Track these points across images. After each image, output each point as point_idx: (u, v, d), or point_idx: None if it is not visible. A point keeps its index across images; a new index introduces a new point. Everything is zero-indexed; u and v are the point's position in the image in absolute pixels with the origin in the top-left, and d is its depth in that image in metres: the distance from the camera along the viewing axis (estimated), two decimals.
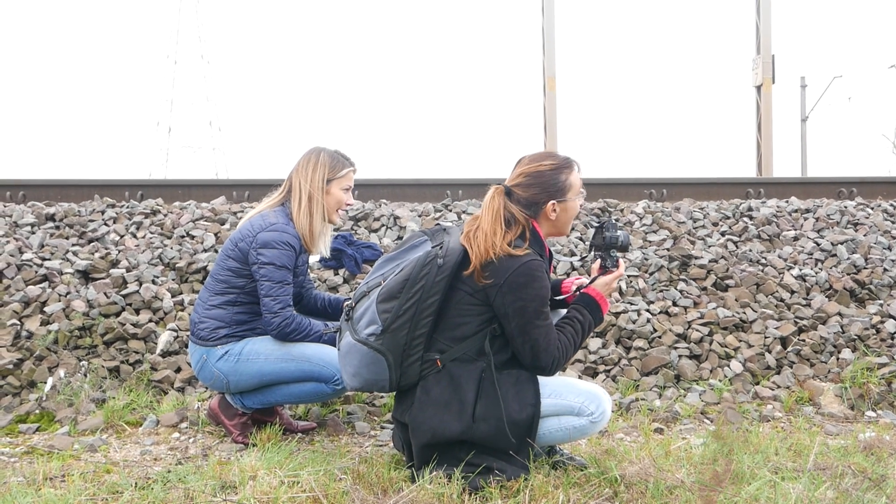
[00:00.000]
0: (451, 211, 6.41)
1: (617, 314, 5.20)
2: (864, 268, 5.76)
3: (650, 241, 6.00)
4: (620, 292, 5.40)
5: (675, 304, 5.35)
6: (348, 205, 4.04)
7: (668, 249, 5.84)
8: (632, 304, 5.30)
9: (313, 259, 4.42)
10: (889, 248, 6.06)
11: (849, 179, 7.75)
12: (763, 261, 5.82)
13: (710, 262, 5.67)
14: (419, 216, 6.26)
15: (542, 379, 3.26)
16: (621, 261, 3.50)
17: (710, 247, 5.92)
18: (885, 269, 5.75)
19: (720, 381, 4.85)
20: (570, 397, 3.25)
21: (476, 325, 3.21)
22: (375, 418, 4.41)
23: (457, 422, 3.14)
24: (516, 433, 3.15)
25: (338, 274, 5.49)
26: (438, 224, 5.39)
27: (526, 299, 3.13)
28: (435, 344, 3.24)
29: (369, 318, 3.19)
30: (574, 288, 3.53)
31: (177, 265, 5.46)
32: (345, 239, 4.44)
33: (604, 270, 3.45)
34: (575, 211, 3.39)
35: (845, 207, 6.61)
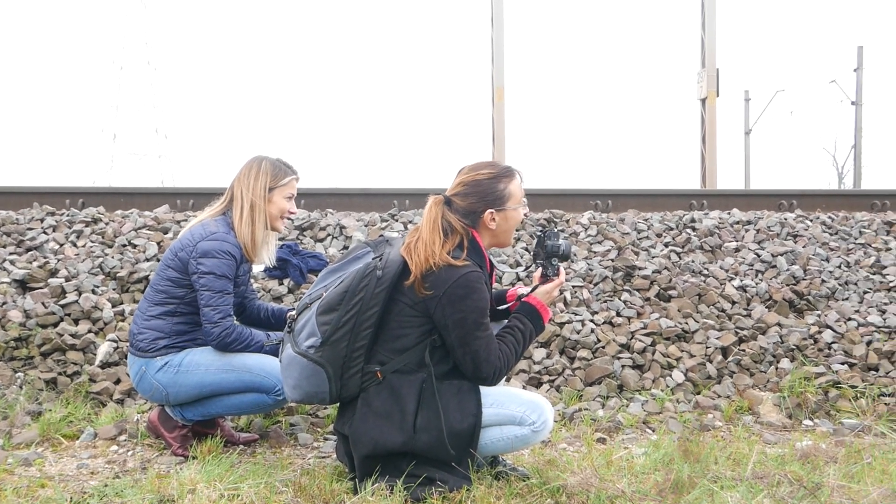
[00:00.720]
0: (397, 221, 6.40)
1: (561, 324, 5.23)
2: (803, 279, 5.87)
3: (595, 252, 6.05)
4: (565, 302, 5.44)
5: (618, 314, 5.40)
6: (291, 213, 4.01)
7: (612, 260, 5.89)
8: (576, 314, 5.34)
9: (258, 269, 4.39)
10: (827, 260, 6.18)
11: (789, 192, 7.90)
12: (705, 272, 5.90)
13: (653, 272, 5.73)
14: (366, 226, 6.25)
15: (484, 389, 3.27)
16: (562, 269, 3.51)
17: (653, 258, 5.99)
18: (823, 281, 5.86)
19: (662, 390, 4.90)
20: (511, 407, 3.26)
21: (416, 336, 3.21)
22: (319, 430, 4.38)
23: (398, 433, 3.13)
24: (457, 444, 3.15)
25: (283, 284, 5.45)
26: (383, 235, 5.38)
27: (465, 311, 3.13)
28: (375, 356, 3.23)
29: (309, 331, 3.18)
30: (517, 297, 3.55)
31: (118, 275, 5.38)
32: (290, 249, 4.41)
33: (545, 279, 3.47)
34: (515, 221, 3.38)
35: (785, 219, 6.73)
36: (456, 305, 3.13)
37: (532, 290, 3.45)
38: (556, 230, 3.54)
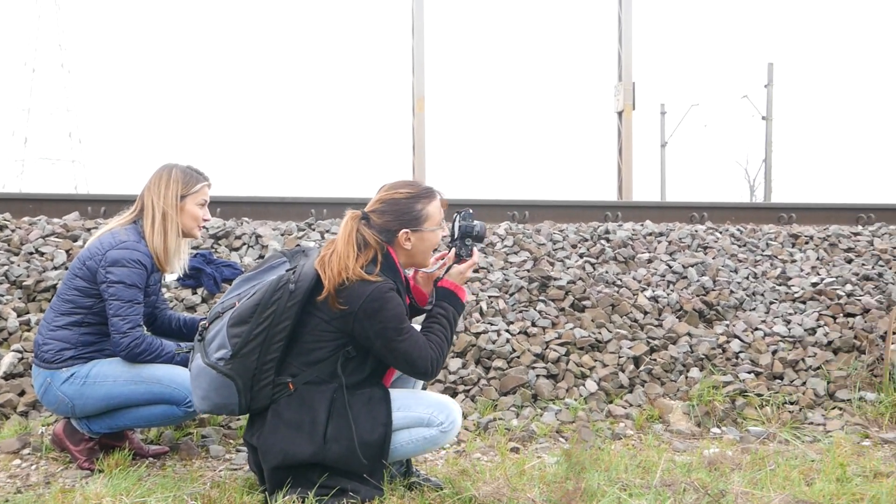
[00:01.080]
0: (314, 230, 6.37)
1: (477, 334, 5.26)
2: (713, 289, 6.01)
3: (511, 263, 6.10)
4: (481, 312, 5.48)
5: (534, 324, 5.45)
6: (205, 220, 3.97)
7: (528, 270, 5.95)
8: (492, 324, 5.38)
9: (171, 278, 4.32)
10: (735, 271, 6.35)
11: (700, 204, 8.09)
12: (619, 282, 6.00)
13: (568, 283, 5.80)
14: (282, 235, 6.20)
15: (392, 392, 3.29)
16: (475, 250, 3.55)
17: (568, 268, 6.07)
18: (732, 291, 6.01)
19: (576, 399, 4.97)
20: (418, 409, 3.28)
21: (330, 349, 3.21)
22: (231, 441, 4.32)
23: (308, 443, 3.11)
24: (368, 454, 3.15)
25: (196, 293, 5.37)
26: (300, 245, 5.34)
27: (384, 321, 3.15)
28: (287, 368, 3.21)
29: (220, 342, 3.14)
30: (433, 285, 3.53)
31: (24, 283, 5.23)
32: (204, 257, 4.35)
33: (458, 259, 3.49)
34: (432, 243, 3.39)
35: (696, 231, 6.89)
36: (373, 318, 3.14)
37: (447, 272, 3.47)
38: (469, 211, 3.56)
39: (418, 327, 3.35)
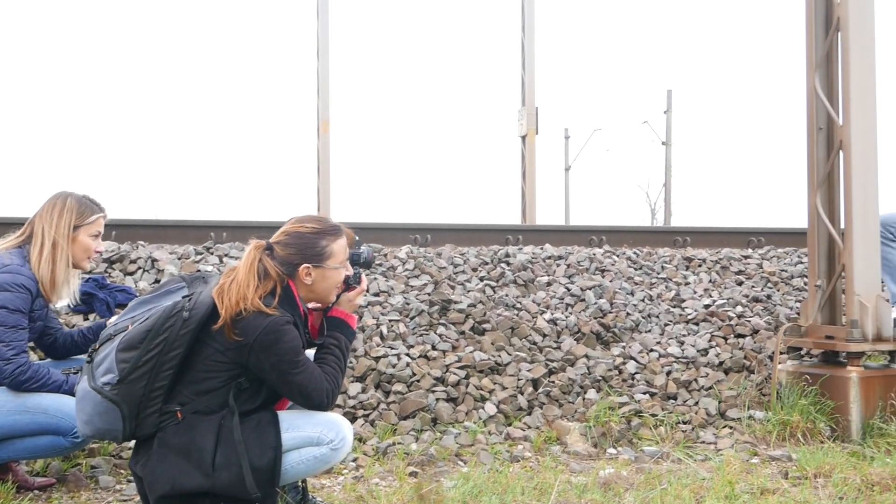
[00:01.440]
0: (212, 254, 6.27)
1: (377, 358, 5.25)
2: (610, 312, 6.13)
3: (412, 286, 6.12)
4: (381, 336, 5.47)
5: (434, 347, 5.47)
6: (97, 252, 3.89)
7: (429, 294, 5.97)
8: (392, 348, 5.38)
9: (61, 304, 4.20)
10: (632, 294, 6.49)
11: (599, 228, 8.25)
12: (518, 305, 6.07)
13: (468, 306, 5.84)
14: (179, 259, 6.09)
15: (280, 414, 3.26)
16: (364, 277, 3.56)
17: (469, 291, 6.11)
18: (628, 314, 6.14)
19: (475, 422, 5.00)
20: (307, 428, 3.26)
21: (223, 379, 3.17)
22: (122, 471, 4.21)
23: (196, 472, 3.06)
24: (259, 479, 3.11)
25: (88, 319, 5.23)
26: (200, 271, 5.26)
27: (279, 354, 3.13)
28: (176, 396, 3.16)
29: (107, 366, 3.07)
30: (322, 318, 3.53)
31: None
32: (97, 282, 4.26)
33: (347, 287, 3.50)
34: (334, 280, 3.39)
35: (594, 255, 7.02)
36: (269, 351, 3.12)
37: (336, 301, 3.47)
38: (356, 238, 3.57)
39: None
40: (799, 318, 5.88)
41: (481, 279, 6.39)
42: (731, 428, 5.22)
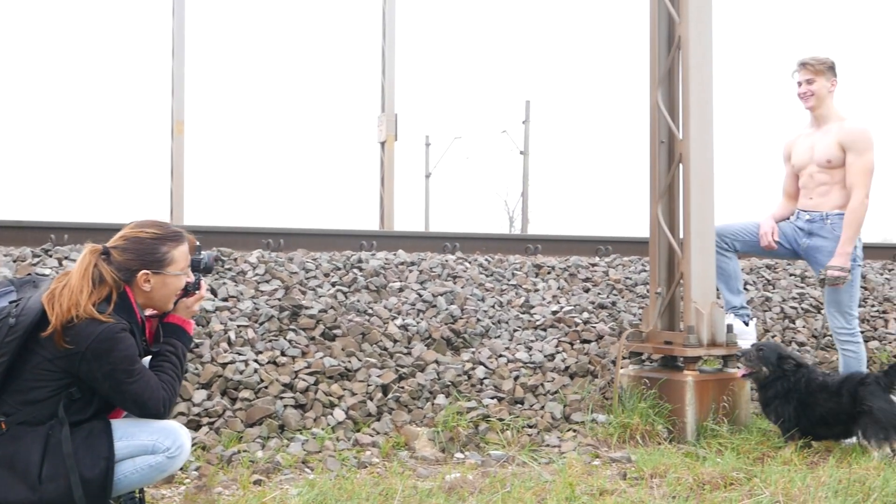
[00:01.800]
0: (51, 257, 6.02)
1: (224, 365, 5.15)
2: (461, 318, 6.20)
3: (262, 291, 6.03)
4: (229, 342, 5.36)
5: (283, 353, 5.40)
6: None
7: (279, 299, 5.90)
8: (240, 354, 5.28)
9: None
10: (482, 300, 6.58)
11: (453, 235, 8.35)
12: (370, 311, 6.07)
13: (319, 312, 5.80)
14: (14, 261, 5.81)
15: (113, 422, 3.16)
16: (203, 282, 3.50)
17: (320, 297, 6.07)
18: (479, 320, 6.23)
19: (323, 429, 4.96)
20: (142, 437, 3.17)
21: (52, 389, 3.04)
22: None
23: (22, 486, 2.93)
24: (90, 491, 3.00)
25: None
26: (31, 274, 5.03)
27: (113, 362, 3.04)
28: (1, 406, 3.01)
29: None
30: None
31: None
32: None
33: (185, 293, 3.43)
34: (174, 287, 3.31)
35: (447, 261, 7.09)
36: (102, 359, 3.02)
37: (174, 307, 3.41)
38: (197, 244, 3.51)
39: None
40: (641, 324, 6.10)
41: (333, 284, 6.36)
42: (574, 431, 5.36)
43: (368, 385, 5.33)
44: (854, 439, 4.97)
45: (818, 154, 5.65)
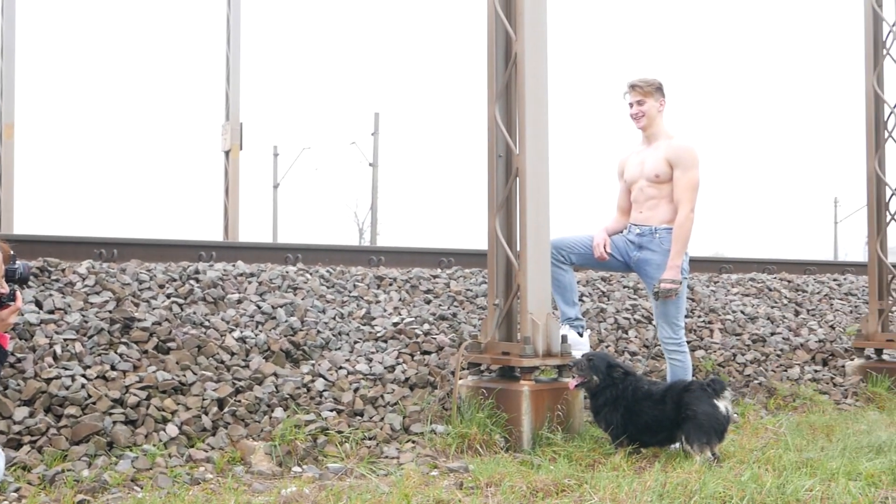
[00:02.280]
0: None
1: (49, 380, 4.91)
2: (301, 330, 6.14)
3: (91, 303, 5.79)
4: (55, 357, 5.12)
5: (113, 367, 5.20)
6: None
7: (110, 312, 5.68)
8: (66, 369, 5.05)
9: None
10: (323, 312, 6.53)
11: (295, 246, 8.27)
12: (207, 323, 5.93)
13: (153, 324, 5.62)
14: None
15: None
16: (19, 294, 3.36)
17: (154, 309, 5.88)
18: (319, 331, 6.18)
19: (155, 445, 4.80)
20: None
21: None
22: None
23: None
24: None
25: None
26: None
27: None
28: None
29: None
30: None
31: None
32: None
33: (0, 305, 3.29)
34: None
35: (287, 272, 7.00)
36: None
37: None
38: (11, 253, 3.36)
39: None
40: (479, 335, 6.19)
41: (168, 296, 6.18)
42: (413, 442, 5.38)
43: (204, 399, 5.19)
44: (678, 445, 5.19)
45: (647, 169, 5.91)
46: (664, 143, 5.88)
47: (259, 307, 6.30)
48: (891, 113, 8.34)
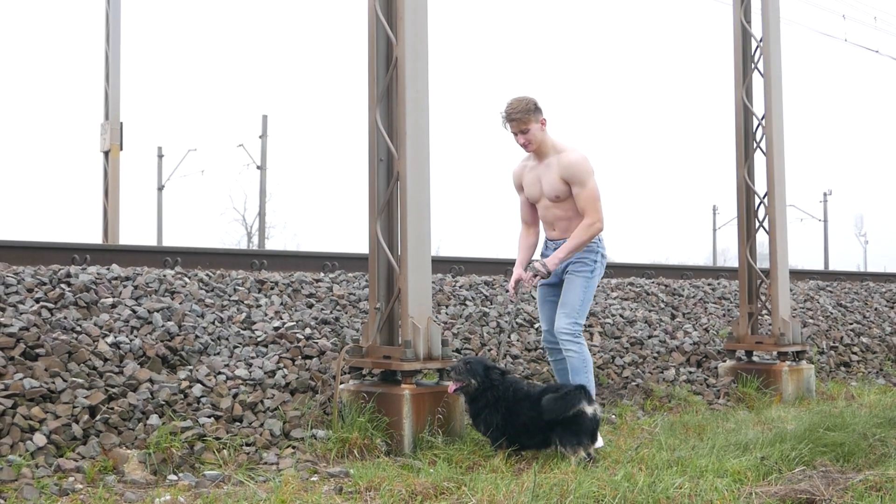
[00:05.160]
0: None
1: None
2: (178, 335, 6.00)
3: None
4: None
5: None
6: None
7: None
8: None
9: None
10: (202, 316, 6.40)
11: (174, 249, 8.08)
12: (78, 328, 5.73)
13: (20, 329, 5.41)
14: None
15: None
16: None
17: (21, 314, 5.66)
18: (197, 336, 6.05)
19: (21, 455, 4.62)
20: None
21: None
22: None
23: None
24: None
25: None
26: None
27: None
28: None
29: None
30: None
31: None
32: None
33: None
34: None
35: (165, 276, 6.84)
36: None
37: None
38: None
39: None
40: (361, 339, 6.16)
41: (37, 301, 5.95)
42: (294, 448, 5.32)
43: (74, 407, 5.03)
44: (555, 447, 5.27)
45: (546, 190, 5.83)
46: (555, 160, 5.77)
47: (134, 311, 6.12)
48: (759, 124, 8.68)
